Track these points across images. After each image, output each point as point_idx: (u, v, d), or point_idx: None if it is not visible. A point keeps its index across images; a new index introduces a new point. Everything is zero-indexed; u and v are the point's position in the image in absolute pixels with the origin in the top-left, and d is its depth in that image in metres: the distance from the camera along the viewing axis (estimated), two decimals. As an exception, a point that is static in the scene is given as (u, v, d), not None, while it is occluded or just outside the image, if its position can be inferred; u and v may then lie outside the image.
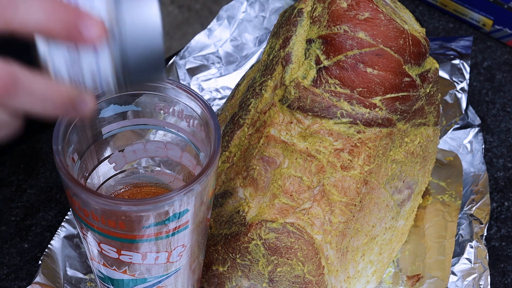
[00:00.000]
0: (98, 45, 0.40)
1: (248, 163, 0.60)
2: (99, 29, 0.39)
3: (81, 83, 0.41)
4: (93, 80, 0.41)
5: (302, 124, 0.58)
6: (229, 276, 0.60)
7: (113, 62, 0.40)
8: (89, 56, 0.40)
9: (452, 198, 0.70)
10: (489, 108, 0.79)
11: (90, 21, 0.39)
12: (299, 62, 0.59)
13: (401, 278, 0.66)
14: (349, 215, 0.59)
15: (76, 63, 0.40)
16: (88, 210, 0.46)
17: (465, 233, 0.66)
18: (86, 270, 0.65)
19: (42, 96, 0.40)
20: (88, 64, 0.40)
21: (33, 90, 0.40)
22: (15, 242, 0.69)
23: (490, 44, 0.85)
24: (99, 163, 0.54)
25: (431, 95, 0.62)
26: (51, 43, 0.40)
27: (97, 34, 0.39)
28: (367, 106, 0.58)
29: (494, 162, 0.75)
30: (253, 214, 0.58)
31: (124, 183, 0.57)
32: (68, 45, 0.40)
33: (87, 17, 0.40)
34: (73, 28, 0.39)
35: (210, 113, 0.49)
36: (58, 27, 0.39)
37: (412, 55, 0.59)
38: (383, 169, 0.60)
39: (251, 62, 0.80)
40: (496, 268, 0.68)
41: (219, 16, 0.81)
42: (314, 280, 0.59)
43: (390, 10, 0.60)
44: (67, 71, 0.41)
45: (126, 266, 0.51)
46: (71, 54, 0.40)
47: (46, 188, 0.72)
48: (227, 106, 0.66)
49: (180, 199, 0.46)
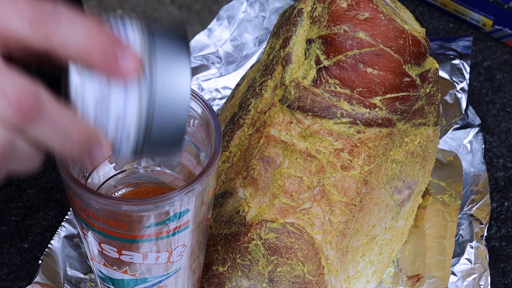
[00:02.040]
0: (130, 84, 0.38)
1: (248, 163, 0.60)
2: (135, 63, 0.38)
3: (104, 127, 0.39)
4: (116, 127, 0.39)
5: (302, 124, 0.58)
6: (229, 276, 0.60)
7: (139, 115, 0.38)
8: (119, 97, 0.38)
9: (452, 198, 0.70)
10: (489, 108, 0.79)
11: (128, 53, 0.38)
12: (299, 62, 0.59)
13: (401, 278, 0.66)
14: (349, 215, 0.59)
15: (105, 102, 0.38)
16: (89, 210, 0.46)
17: (465, 233, 0.66)
18: (86, 270, 0.65)
19: (63, 130, 0.37)
20: (115, 106, 0.38)
21: (56, 120, 0.37)
22: (15, 242, 0.69)
23: (490, 44, 0.85)
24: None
25: (431, 95, 0.62)
26: (85, 73, 0.38)
27: (133, 67, 0.38)
28: (367, 106, 0.58)
29: (494, 162, 0.75)
30: (253, 214, 0.58)
31: (124, 183, 0.57)
32: (101, 78, 0.38)
33: (127, 49, 0.38)
34: (111, 55, 0.38)
35: (210, 113, 0.49)
36: (97, 52, 0.38)
37: (412, 55, 0.59)
38: (383, 169, 0.60)
39: (251, 62, 0.80)
40: (496, 268, 0.68)
41: (219, 16, 0.81)
42: (314, 280, 0.59)
43: (390, 10, 0.60)
44: (94, 109, 0.38)
45: (127, 266, 0.51)
46: (102, 90, 0.38)
47: (46, 188, 0.72)
48: (227, 106, 0.66)
49: (180, 199, 0.46)
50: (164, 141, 0.40)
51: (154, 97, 0.38)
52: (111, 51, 0.38)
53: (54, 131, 0.37)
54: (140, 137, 0.39)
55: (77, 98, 0.38)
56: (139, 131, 0.39)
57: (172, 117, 0.39)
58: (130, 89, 0.38)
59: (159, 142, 0.40)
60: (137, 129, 0.39)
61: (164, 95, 0.38)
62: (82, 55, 0.38)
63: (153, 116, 0.38)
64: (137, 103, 0.38)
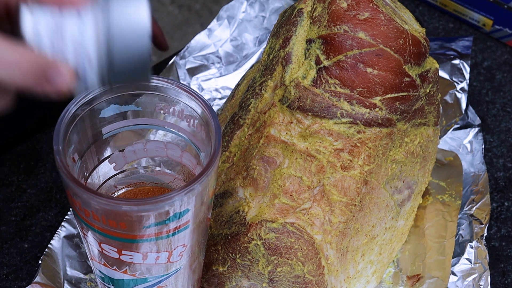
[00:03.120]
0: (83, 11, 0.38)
1: (248, 163, 0.60)
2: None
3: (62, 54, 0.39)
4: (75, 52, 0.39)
5: (302, 124, 0.58)
6: (229, 276, 0.60)
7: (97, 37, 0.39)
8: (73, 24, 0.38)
9: (452, 198, 0.70)
10: (489, 108, 0.79)
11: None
12: (299, 62, 0.59)
13: (401, 278, 0.66)
14: (349, 215, 0.59)
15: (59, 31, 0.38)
16: (89, 210, 0.46)
17: (465, 233, 0.66)
18: (86, 270, 0.65)
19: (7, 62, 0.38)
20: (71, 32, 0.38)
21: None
22: (15, 242, 0.69)
23: (490, 44, 0.85)
24: (100, 163, 0.54)
25: (431, 95, 0.62)
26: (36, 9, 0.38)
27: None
28: (367, 106, 0.58)
29: (494, 162, 0.75)
30: (253, 214, 0.58)
31: (124, 183, 0.57)
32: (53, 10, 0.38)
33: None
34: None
35: (210, 113, 0.49)
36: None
37: (412, 55, 0.59)
38: (383, 169, 0.60)
39: (251, 62, 0.80)
40: (496, 268, 0.68)
41: (219, 16, 0.81)
42: (314, 280, 0.59)
43: (390, 10, 0.60)
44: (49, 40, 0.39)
45: (127, 266, 0.51)
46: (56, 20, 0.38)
47: (46, 188, 0.72)
48: (227, 106, 0.66)
49: (180, 199, 0.46)
50: (130, 65, 0.40)
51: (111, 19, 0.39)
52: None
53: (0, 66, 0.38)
54: (103, 60, 0.39)
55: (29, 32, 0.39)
56: (100, 54, 0.39)
57: (133, 41, 0.39)
58: (84, 15, 0.39)
59: (124, 66, 0.40)
60: (97, 51, 0.39)
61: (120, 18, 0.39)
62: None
63: (112, 38, 0.39)
64: (93, 26, 0.39)
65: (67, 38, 0.39)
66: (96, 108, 0.50)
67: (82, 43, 0.39)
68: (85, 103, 0.49)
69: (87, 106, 0.49)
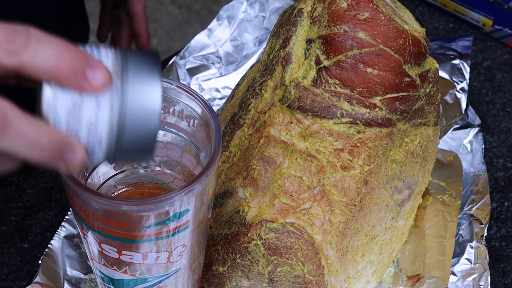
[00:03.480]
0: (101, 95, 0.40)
1: (248, 163, 0.60)
2: (104, 76, 0.40)
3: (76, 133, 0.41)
4: (88, 132, 0.41)
5: (302, 124, 0.58)
6: (229, 276, 0.60)
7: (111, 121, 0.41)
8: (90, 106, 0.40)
9: (452, 198, 0.70)
10: (489, 108, 0.79)
11: (97, 66, 0.40)
12: (299, 62, 0.59)
13: (401, 278, 0.66)
14: (349, 215, 0.59)
15: (77, 112, 0.40)
16: (89, 210, 0.46)
17: (465, 233, 0.66)
18: (86, 270, 0.65)
19: (30, 139, 0.39)
20: (87, 114, 0.41)
21: (22, 132, 0.39)
22: (15, 242, 0.69)
23: (490, 44, 0.85)
24: (95, 166, 0.54)
25: (431, 95, 0.62)
26: (57, 87, 0.40)
27: (101, 81, 0.40)
28: (367, 106, 0.58)
29: (494, 162, 0.75)
30: (253, 214, 0.58)
31: (124, 183, 0.57)
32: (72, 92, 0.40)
33: (96, 62, 0.40)
34: (79, 71, 0.40)
35: (210, 113, 0.49)
36: (66, 69, 0.40)
37: (412, 55, 0.59)
38: (383, 169, 0.60)
39: (251, 62, 0.80)
40: (496, 268, 0.68)
41: (219, 16, 0.81)
42: (314, 280, 0.59)
43: (390, 10, 0.60)
44: (66, 118, 0.40)
45: (127, 266, 0.51)
46: (74, 101, 0.40)
47: (46, 188, 0.72)
48: (227, 106, 0.66)
49: (180, 199, 0.46)
50: (136, 147, 0.42)
51: (125, 105, 0.41)
52: (80, 67, 0.40)
53: (22, 142, 0.39)
54: (112, 141, 0.41)
55: (49, 110, 0.40)
56: (111, 136, 0.41)
57: (143, 125, 0.41)
58: (101, 99, 0.41)
59: (131, 147, 0.42)
60: (108, 133, 0.41)
61: (135, 104, 0.41)
62: (51, 73, 0.40)
63: (124, 122, 0.41)
64: (109, 111, 0.41)
65: (83, 121, 0.41)
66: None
67: (96, 126, 0.41)
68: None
69: (87, 106, 0.49)
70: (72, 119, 0.41)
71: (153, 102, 0.41)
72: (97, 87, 0.40)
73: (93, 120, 0.41)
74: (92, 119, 0.41)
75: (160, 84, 0.42)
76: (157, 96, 0.41)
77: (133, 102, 0.41)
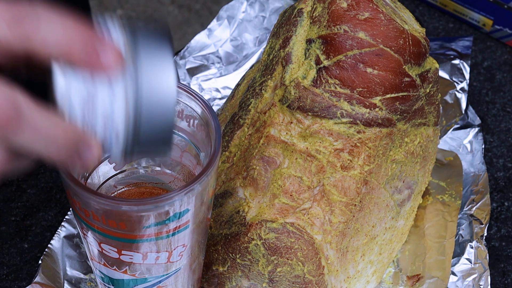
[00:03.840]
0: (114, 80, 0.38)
1: (248, 163, 0.60)
2: (116, 56, 0.38)
3: (92, 127, 0.38)
4: (104, 126, 0.38)
5: (302, 124, 0.58)
6: (229, 276, 0.60)
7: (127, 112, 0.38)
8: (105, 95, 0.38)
9: (452, 198, 0.70)
10: (489, 108, 0.79)
11: (109, 46, 0.38)
12: (299, 62, 0.59)
13: (401, 278, 0.66)
14: (349, 215, 0.59)
15: (91, 102, 0.38)
16: (89, 210, 0.46)
17: (465, 233, 0.66)
18: (86, 270, 0.65)
19: (46, 135, 0.36)
20: (102, 105, 0.38)
21: (38, 126, 0.36)
22: (15, 242, 0.69)
23: (490, 44, 0.85)
24: (99, 163, 0.54)
25: (431, 95, 0.62)
26: (69, 73, 0.38)
27: (114, 60, 0.38)
28: (367, 106, 0.58)
29: (494, 162, 0.75)
30: (253, 214, 0.58)
31: (124, 183, 0.57)
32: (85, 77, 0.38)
33: (107, 42, 0.38)
34: (91, 50, 0.38)
35: (210, 113, 0.49)
36: (77, 47, 0.37)
37: (412, 55, 0.59)
38: (383, 169, 0.60)
39: (251, 62, 0.80)
40: (496, 268, 0.68)
41: (219, 16, 0.81)
42: (314, 280, 0.59)
43: (390, 10, 0.60)
44: (81, 110, 0.38)
45: (127, 266, 0.51)
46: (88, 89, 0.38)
47: (46, 188, 0.72)
48: (227, 106, 0.66)
49: (180, 199, 0.46)
50: (154, 138, 0.39)
51: (140, 93, 0.38)
52: (91, 46, 0.38)
53: (38, 137, 0.37)
54: (130, 135, 0.39)
55: (63, 101, 0.38)
56: (127, 129, 0.39)
57: (160, 114, 0.39)
58: (115, 85, 0.38)
59: (148, 139, 0.39)
60: (125, 126, 0.39)
61: (150, 91, 0.38)
62: (62, 52, 0.37)
63: (140, 112, 0.38)
64: (124, 100, 0.38)
65: (98, 110, 0.38)
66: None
67: (112, 117, 0.38)
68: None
69: (87, 106, 0.49)
70: (87, 110, 0.38)
71: (169, 88, 0.39)
72: (109, 66, 0.38)
73: (108, 111, 0.38)
74: (107, 110, 0.38)
75: (173, 67, 0.39)
76: (171, 82, 0.39)
77: (148, 88, 0.38)
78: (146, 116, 0.39)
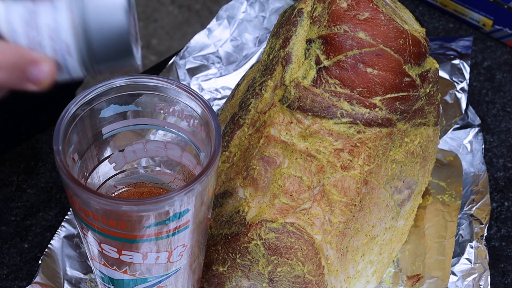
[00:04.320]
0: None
1: (248, 163, 0.60)
2: None
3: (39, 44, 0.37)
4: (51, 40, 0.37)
5: (302, 124, 0.58)
6: (229, 276, 0.60)
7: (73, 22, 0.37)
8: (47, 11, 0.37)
9: (452, 198, 0.70)
10: (489, 108, 0.79)
11: None
12: (299, 62, 0.59)
13: (401, 278, 0.66)
14: (349, 215, 0.59)
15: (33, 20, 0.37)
16: (89, 210, 0.46)
17: (465, 233, 0.66)
18: (86, 270, 0.65)
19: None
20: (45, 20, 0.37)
21: None
22: (15, 242, 0.69)
23: (490, 44, 0.85)
24: (99, 163, 0.54)
25: (431, 95, 0.62)
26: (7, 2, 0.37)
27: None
28: (367, 106, 0.58)
29: (494, 162, 0.75)
30: (253, 214, 0.58)
31: (124, 183, 0.57)
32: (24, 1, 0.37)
33: None
34: None
35: (210, 113, 0.49)
36: None
37: (412, 55, 0.59)
38: (383, 169, 0.60)
39: (251, 62, 0.80)
40: (496, 268, 0.68)
41: (219, 16, 0.81)
42: (314, 280, 0.59)
43: (390, 10, 0.60)
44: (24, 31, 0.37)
45: (127, 266, 0.51)
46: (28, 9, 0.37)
47: (46, 188, 0.72)
48: (227, 106, 0.66)
49: (180, 199, 0.46)
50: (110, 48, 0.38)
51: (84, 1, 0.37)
52: None
53: None
54: (81, 44, 0.38)
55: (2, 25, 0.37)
56: (77, 38, 0.38)
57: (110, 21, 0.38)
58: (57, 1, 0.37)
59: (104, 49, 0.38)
60: (74, 36, 0.38)
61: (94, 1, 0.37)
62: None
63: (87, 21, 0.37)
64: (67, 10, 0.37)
65: (42, 29, 0.37)
66: (96, 108, 0.50)
67: (58, 31, 0.37)
68: (85, 103, 0.49)
69: (87, 106, 0.49)
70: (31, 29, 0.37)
71: None
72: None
73: (52, 26, 0.37)
74: (51, 25, 0.37)
75: None
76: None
77: None
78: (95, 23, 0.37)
